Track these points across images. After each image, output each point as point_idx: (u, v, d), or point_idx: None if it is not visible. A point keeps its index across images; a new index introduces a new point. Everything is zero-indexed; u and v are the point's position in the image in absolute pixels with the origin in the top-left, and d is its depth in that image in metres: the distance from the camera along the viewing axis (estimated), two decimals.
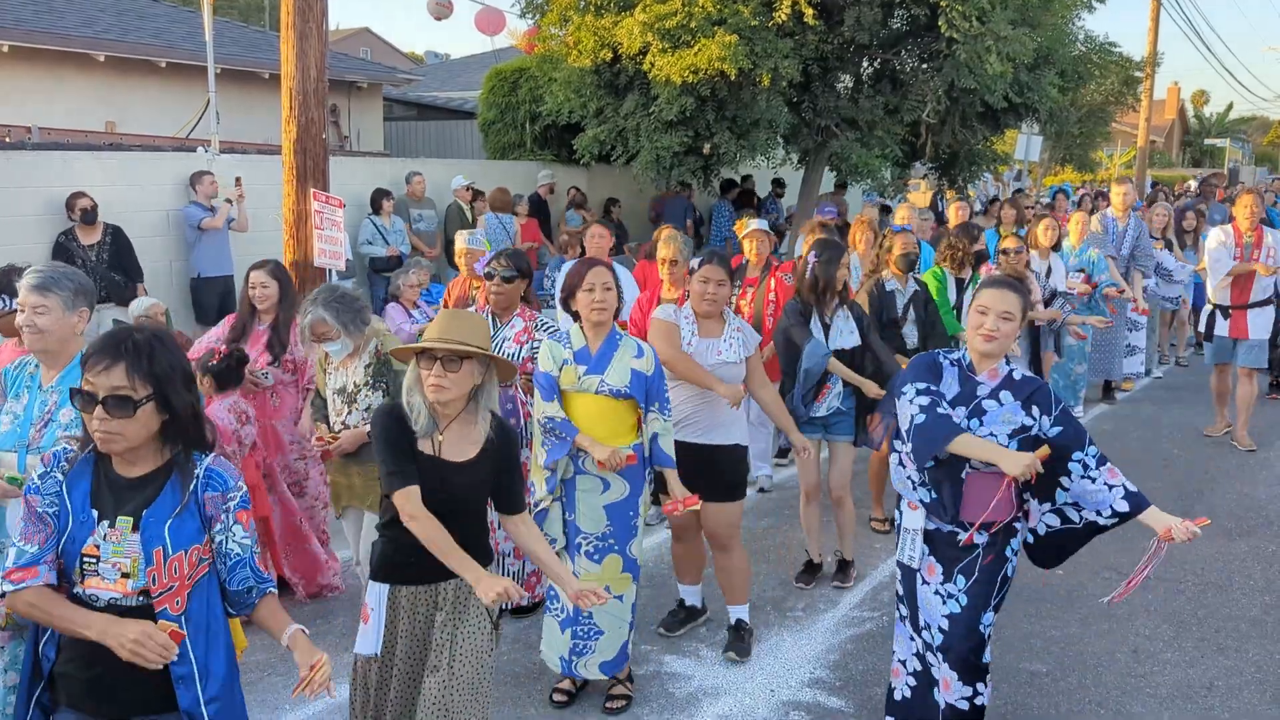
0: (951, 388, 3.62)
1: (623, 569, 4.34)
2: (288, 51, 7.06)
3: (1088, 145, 22.96)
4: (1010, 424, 3.55)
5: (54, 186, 8.72)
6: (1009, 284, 3.62)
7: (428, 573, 3.18)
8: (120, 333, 2.53)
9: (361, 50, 32.03)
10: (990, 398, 3.58)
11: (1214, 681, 4.65)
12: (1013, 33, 11.60)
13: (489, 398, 3.23)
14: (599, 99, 12.30)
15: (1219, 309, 8.23)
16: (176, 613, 2.54)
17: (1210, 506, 6.95)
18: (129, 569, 2.50)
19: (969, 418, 3.55)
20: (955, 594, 3.68)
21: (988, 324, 3.53)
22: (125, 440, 2.49)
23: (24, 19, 13.36)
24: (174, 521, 2.54)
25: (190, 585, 2.57)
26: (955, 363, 3.68)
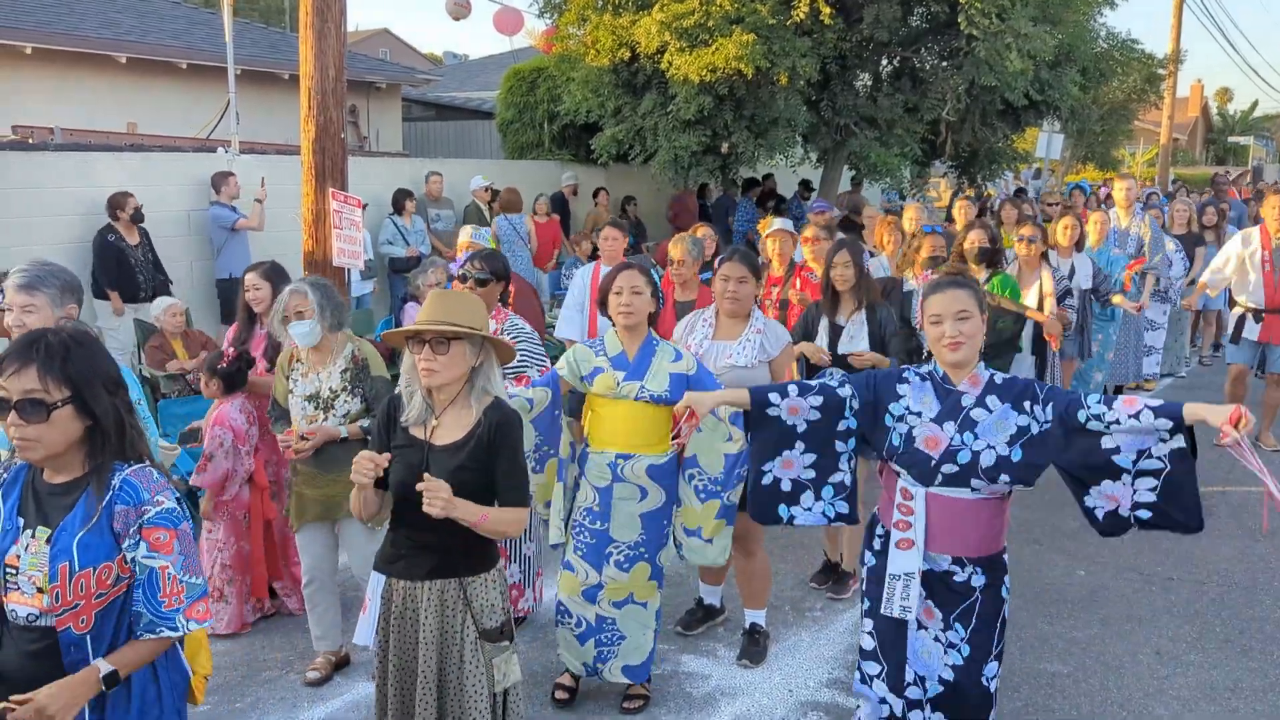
0: (930, 406, 3.27)
1: (649, 577, 4.28)
2: (306, 51, 7.08)
3: (1110, 143, 22.77)
4: (1006, 430, 3.19)
5: (76, 187, 8.78)
6: (953, 282, 3.30)
7: (411, 569, 3.09)
8: (35, 334, 2.40)
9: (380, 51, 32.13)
10: (978, 406, 3.23)
11: (1238, 683, 4.59)
12: (1033, 30, 11.53)
13: (486, 379, 3.10)
14: (617, 98, 12.30)
15: (1251, 312, 7.98)
16: (81, 632, 2.38)
17: (1234, 507, 6.89)
18: (42, 583, 2.37)
19: (959, 432, 3.20)
20: (957, 643, 3.32)
21: (947, 331, 3.19)
22: (43, 447, 2.36)
23: (45, 21, 13.47)
24: (85, 536, 2.37)
25: (101, 605, 2.39)
26: (926, 377, 3.32)
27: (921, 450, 3.24)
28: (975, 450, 3.18)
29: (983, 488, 3.21)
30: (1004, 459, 3.18)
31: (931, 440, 3.23)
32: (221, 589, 5.03)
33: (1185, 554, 6.06)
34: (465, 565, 3.08)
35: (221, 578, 5.03)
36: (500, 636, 3.12)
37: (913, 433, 3.25)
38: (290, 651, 4.88)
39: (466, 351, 3.05)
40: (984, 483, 3.20)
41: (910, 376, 3.33)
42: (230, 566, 5.04)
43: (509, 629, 3.15)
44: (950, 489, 3.23)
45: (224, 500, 5.01)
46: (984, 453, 3.18)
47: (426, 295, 7.61)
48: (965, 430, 3.21)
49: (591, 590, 4.24)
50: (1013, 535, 6.27)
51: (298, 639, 4.94)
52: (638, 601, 4.26)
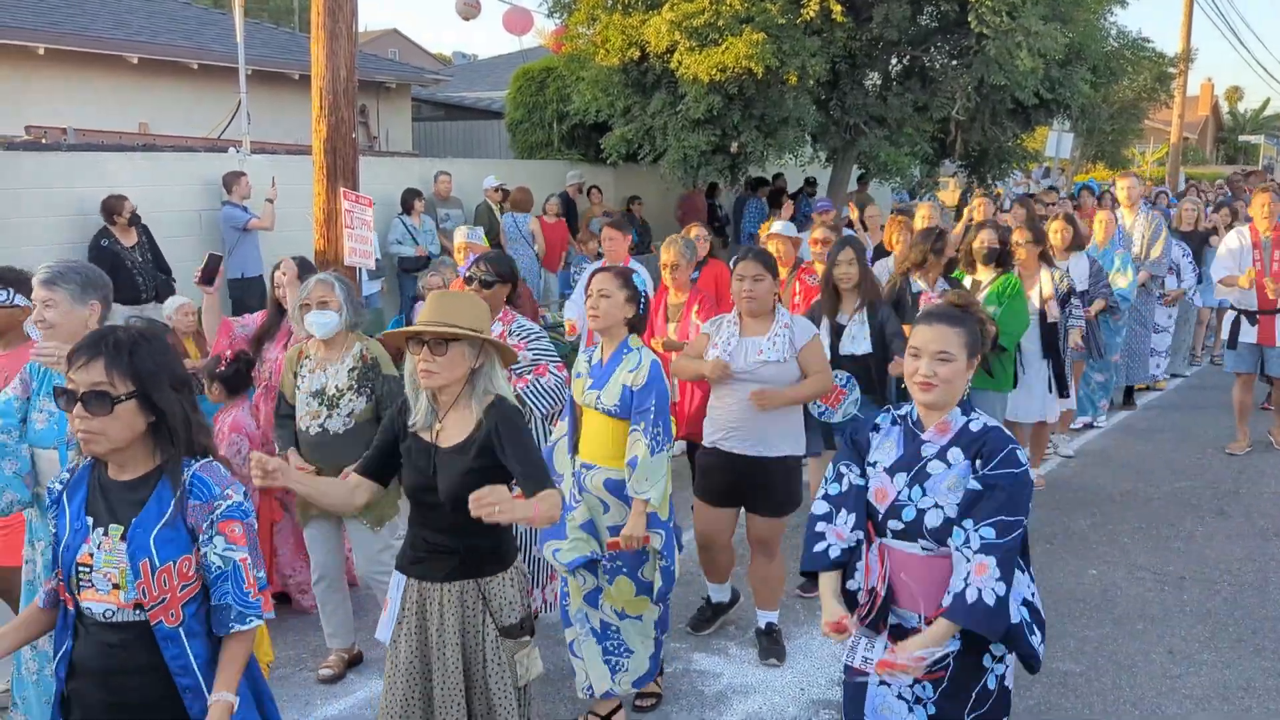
0: (890, 453, 2.96)
1: (636, 592, 4.15)
2: (318, 51, 7.10)
3: (1120, 142, 22.73)
4: (957, 490, 2.82)
5: (88, 187, 8.81)
6: (946, 316, 2.93)
7: (430, 571, 3.09)
8: (104, 330, 2.46)
9: (390, 51, 32.20)
10: (937, 458, 2.88)
11: (1251, 682, 4.58)
12: (1044, 28, 11.51)
13: (488, 380, 3.07)
14: (626, 98, 12.31)
15: (1244, 314, 7.80)
16: (173, 625, 2.44)
17: (1246, 507, 6.87)
18: (119, 579, 2.42)
19: (910, 484, 2.87)
20: (925, 700, 2.95)
21: (922, 369, 2.85)
22: (107, 440, 2.40)
23: (57, 22, 13.52)
24: (161, 531, 2.43)
25: (187, 597, 2.46)
26: (901, 420, 3.01)
27: (871, 502, 2.97)
28: (921, 509, 2.86)
29: (934, 549, 2.86)
30: (951, 520, 2.83)
31: (880, 492, 2.95)
32: None
33: (1197, 554, 6.05)
34: (482, 566, 3.08)
35: None
36: (520, 632, 3.11)
37: (869, 482, 2.98)
38: (303, 649, 4.90)
39: (466, 353, 3.03)
40: (932, 544, 2.86)
41: (883, 422, 3.04)
42: None
43: (529, 624, 3.14)
44: (903, 543, 2.92)
45: None
46: (929, 513, 2.84)
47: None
48: (916, 484, 2.88)
49: (593, 595, 4.17)
50: None
51: (311, 637, 4.96)
52: (631, 615, 4.16)
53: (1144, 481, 7.40)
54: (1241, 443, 8.10)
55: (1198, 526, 6.50)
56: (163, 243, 9.07)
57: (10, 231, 8.27)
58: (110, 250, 8.53)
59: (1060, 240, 7.47)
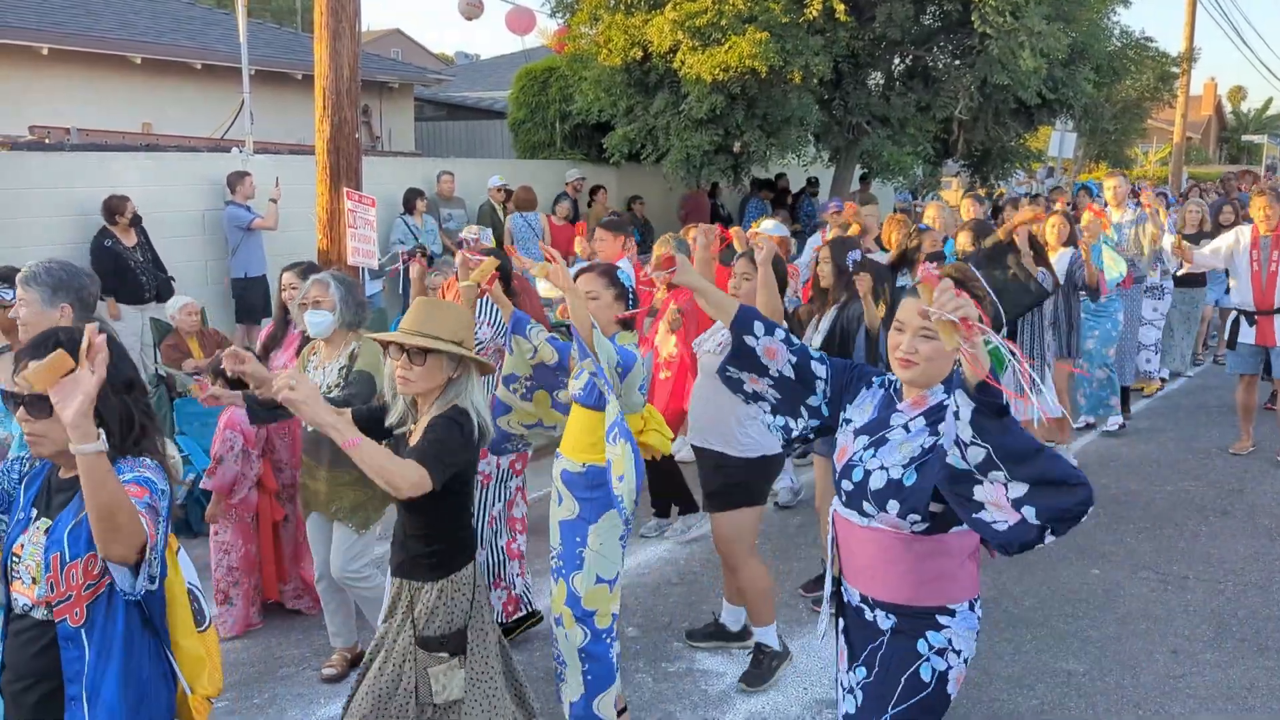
0: (865, 414, 2.86)
1: (565, 600, 3.94)
2: (321, 51, 7.11)
3: (1123, 142, 22.67)
4: (907, 454, 2.68)
5: (92, 187, 8.82)
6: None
7: (390, 563, 3.17)
8: (48, 332, 2.45)
9: (393, 51, 32.21)
10: (900, 427, 2.75)
11: (1255, 682, 4.58)
12: (1047, 28, 11.50)
13: (459, 393, 3.05)
14: (629, 98, 12.31)
15: (1244, 314, 7.75)
16: (76, 625, 2.40)
17: (1250, 506, 6.87)
18: (35, 573, 2.42)
19: (866, 448, 2.77)
20: (854, 688, 2.86)
21: (903, 345, 2.68)
22: (50, 443, 2.39)
23: (62, 22, 13.54)
24: (75, 528, 2.39)
25: (90, 597, 2.41)
26: (885, 385, 2.90)
27: (834, 460, 2.91)
28: (869, 469, 2.73)
29: (875, 515, 2.72)
30: (894, 484, 2.67)
31: (841, 450, 2.86)
32: (226, 592, 5.03)
33: (1201, 553, 6.04)
34: (414, 569, 3.06)
35: (227, 580, 5.04)
36: (439, 647, 3.03)
37: (837, 437, 2.92)
38: (307, 648, 4.90)
39: (444, 365, 3.03)
40: (873, 508, 2.71)
41: (875, 381, 2.93)
42: (237, 569, 5.05)
43: (455, 642, 3.05)
44: (848, 511, 2.81)
45: (232, 503, 5.01)
46: (875, 474, 2.72)
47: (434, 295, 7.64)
48: (872, 446, 2.77)
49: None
50: None
51: (314, 636, 4.96)
52: (563, 625, 3.94)
53: (1147, 481, 7.40)
54: (1245, 443, 8.06)
55: (1201, 526, 6.49)
56: (166, 243, 9.08)
57: (13, 231, 8.29)
58: (112, 250, 8.54)
59: (1055, 237, 7.44)
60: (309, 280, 4.46)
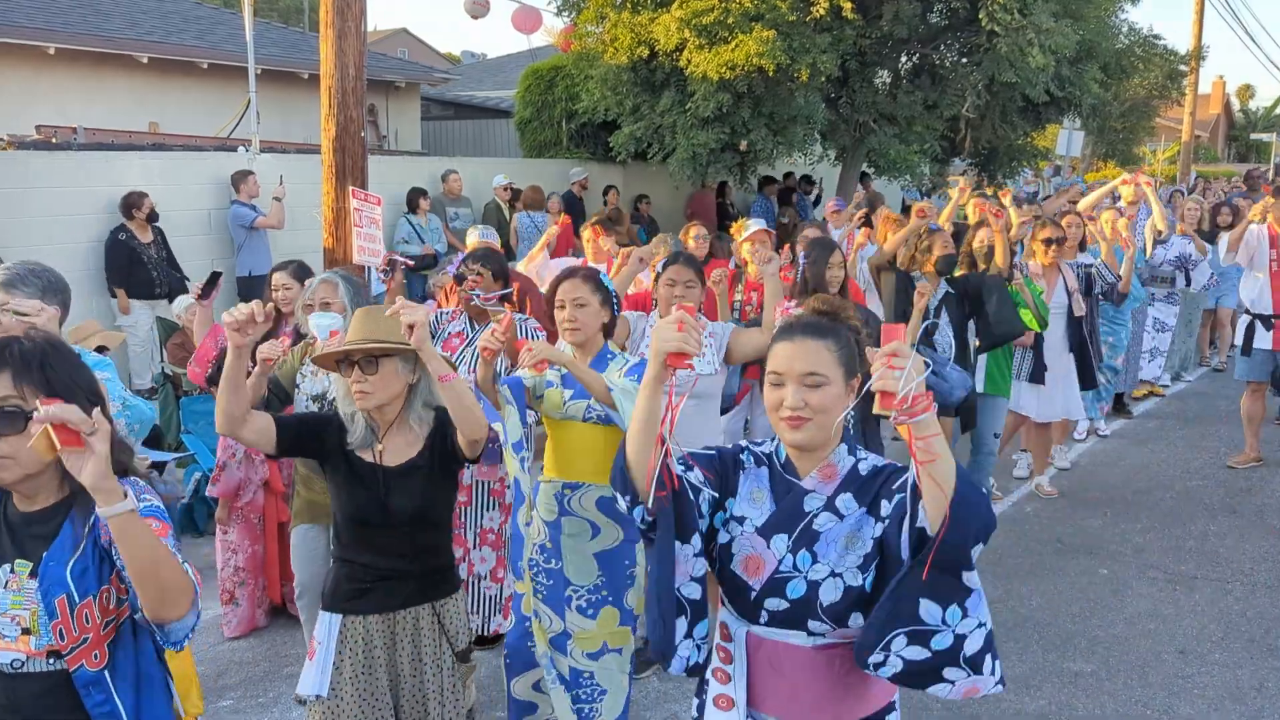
0: (761, 507, 2.25)
1: (620, 622, 3.76)
2: (327, 50, 7.11)
3: (1131, 140, 22.63)
4: (859, 549, 2.15)
5: (98, 186, 8.84)
6: (812, 327, 2.22)
7: (383, 601, 2.91)
8: (5, 340, 2.13)
9: (399, 50, 32.22)
10: (826, 510, 2.20)
11: (1264, 683, 4.55)
12: (1054, 25, 11.47)
13: (427, 393, 2.95)
14: (635, 96, 12.30)
15: (1259, 319, 7.40)
16: (96, 668, 2.12)
17: (1259, 506, 6.84)
18: (29, 623, 2.08)
19: (793, 550, 2.17)
20: None
21: (787, 400, 2.16)
22: (18, 466, 2.05)
23: (70, 22, 13.56)
24: (77, 562, 2.09)
25: (111, 635, 2.15)
26: (765, 459, 2.31)
27: (739, 575, 2.22)
28: (813, 580, 2.16)
29: (827, 632, 2.19)
30: (854, 591, 2.14)
31: (753, 562, 2.21)
32: (232, 592, 5.03)
33: (1210, 553, 6.01)
34: (438, 587, 2.96)
35: (233, 580, 5.03)
36: (468, 657, 3.02)
37: (732, 547, 2.24)
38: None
39: (398, 369, 2.91)
40: (826, 626, 2.18)
41: (745, 461, 2.31)
42: (243, 569, 5.04)
43: (472, 647, 3.07)
44: (781, 631, 2.21)
45: (239, 505, 5.02)
46: (826, 583, 2.15)
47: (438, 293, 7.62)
48: (802, 548, 2.18)
49: (560, 639, 3.74)
50: (1034, 534, 6.27)
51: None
52: (612, 649, 3.76)
53: (1156, 481, 7.37)
54: (1248, 455, 7.66)
55: (1210, 526, 6.46)
56: (172, 242, 9.11)
57: (20, 231, 8.30)
58: (127, 245, 8.58)
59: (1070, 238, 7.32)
60: (316, 280, 4.37)
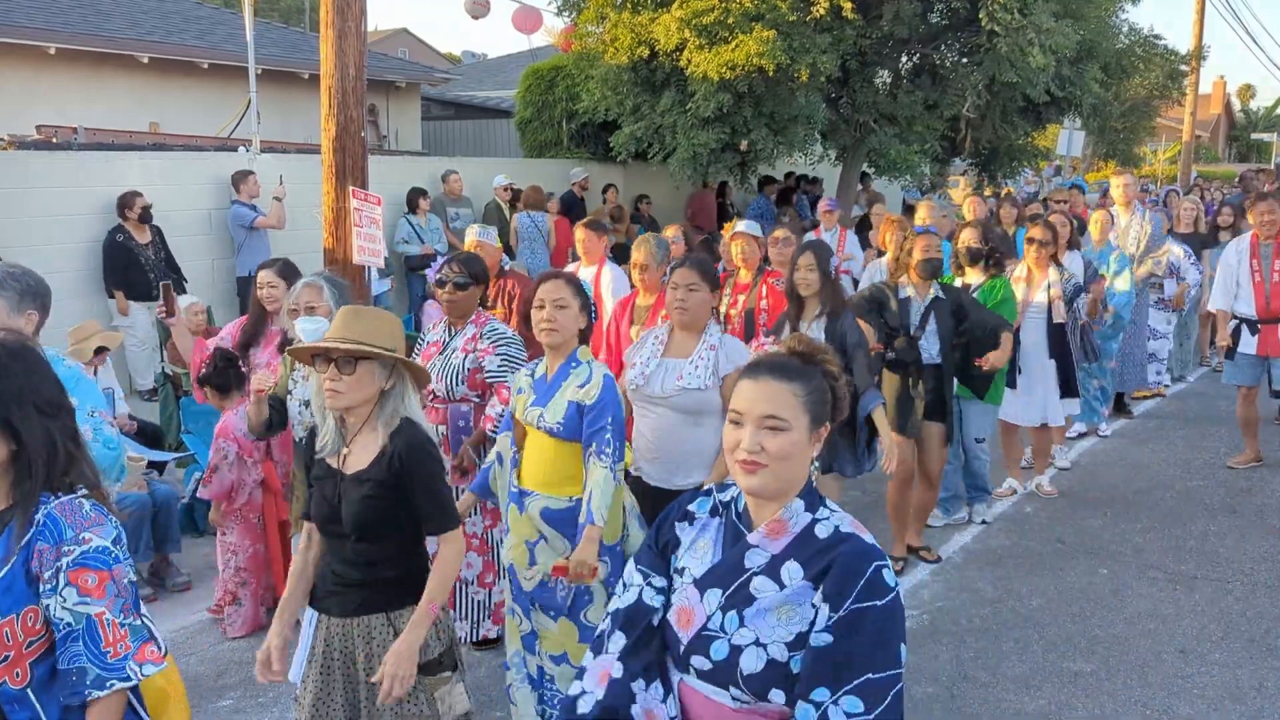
0: (703, 558, 2.13)
1: (580, 638, 3.65)
2: (327, 50, 7.11)
3: (1131, 140, 22.62)
4: (793, 623, 1.98)
5: (99, 186, 8.84)
6: (779, 368, 2.09)
7: (341, 605, 2.91)
8: None
9: (399, 50, 32.24)
10: (766, 573, 2.03)
11: (1263, 683, 4.55)
12: (1055, 25, 11.47)
13: (398, 402, 2.88)
14: (635, 96, 12.31)
15: (1245, 323, 7.36)
16: (19, 685, 2.06)
17: (1259, 506, 6.83)
18: None
19: (725, 606, 2.03)
20: None
21: (744, 441, 2.02)
22: None
23: (70, 22, 13.57)
24: (4, 577, 2.04)
25: (35, 653, 2.08)
26: (722, 509, 2.18)
27: (672, 626, 2.12)
28: (736, 645, 2.01)
29: (750, 701, 2.02)
30: (778, 666, 1.98)
31: (685, 614, 2.09)
32: (235, 592, 5.03)
33: (1210, 553, 6.01)
34: (390, 599, 2.91)
35: (235, 581, 5.03)
36: (440, 667, 2.91)
37: (673, 597, 2.14)
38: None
39: (375, 373, 2.85)
40: (748, 696, 2.01)
41: (698, 511, 2.21)
42: (245, 569, 5.04)
43: (450, 657, 2.95)
44: (708, 686, 2.07)
45: (235, 506, 5.01)
46: (746, 653, 1.99)
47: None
48: (733, 608, 2.03)
49: (529, 639, 3.76)
50: (1035, 534, 6.27)
51: None
52: (572, 664, 3.65)
53: (1156, 481, 7.36)
54: (1248, 455, 7.63)
55: (1210, 525, 6.46)
56: (173, 242, 9.12)
57: (20, 231, 8.31)
58: (124, 246, 8.59)
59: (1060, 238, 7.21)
60: (300, 285, 4.39)
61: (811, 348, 2.17)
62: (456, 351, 4.58)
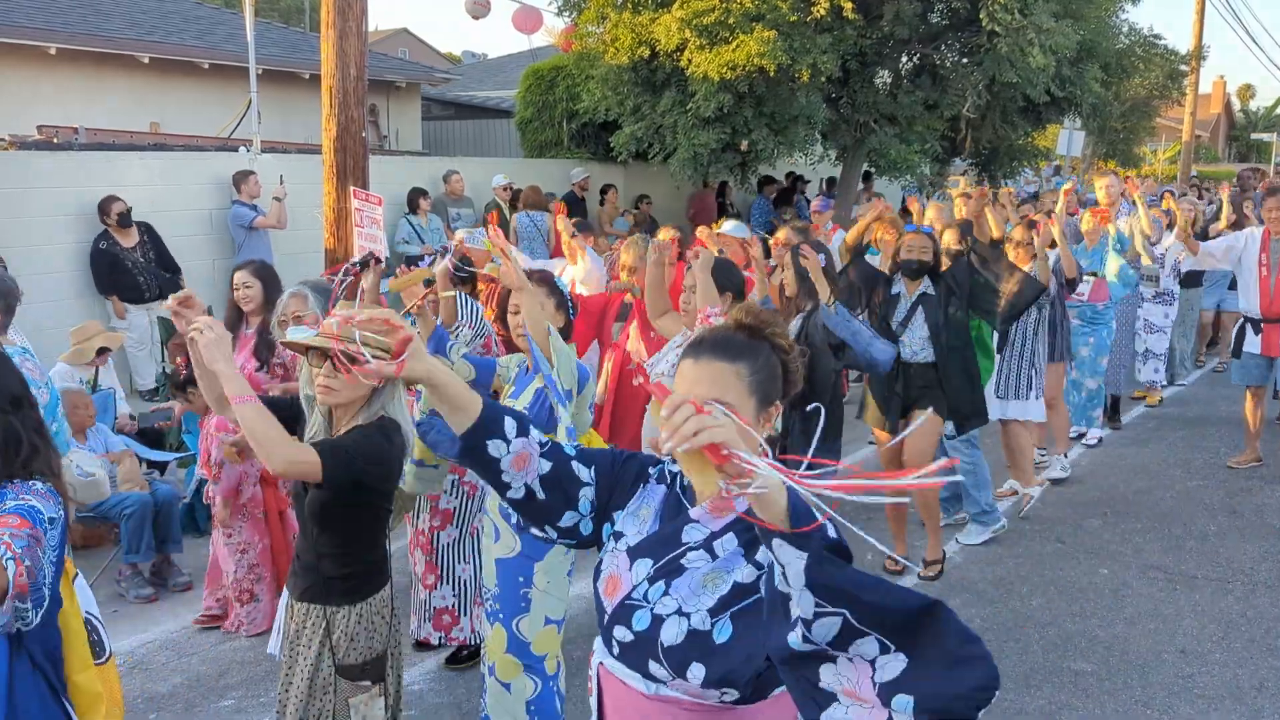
0: (643, 525, 2.04)
1: (507, 648, 3.51)
2: (328, 50, 7.12)
3: (1131, 140, 22.61)
4: (717, 588, 1.89)
5: (99, 187, 8.84)
6: (721, 345, 1.95)
7: (294, 586, 2.95)
8: None
9: (400, 51, 32.23)
10: (702, 548, 1.94)
11: (1264, 682, 4.56)
12: (1055, 25, 11.48)
13: (385, 399, 2.88)
14: (636, 96, 12.31)
15: (1250, 322, 7.33)
16: None
17: (1259, 505, 6.84)
18: None
19: (651, 579, 1.95)
20: None
21: None
22: None
23: (71, 22, 13.57)
24: None
25: None
26: (667, 479, 2.08)
27: (599, 594, 2.04)
28: (658, 614, 1.91)
29: (667, 680, 1.91)
30: (700, 637, 1.87)
31: (612, 582, 2.01)
32: (251, 589, 5.00)
33: (1210, 553, 6.02)
34: (329, 594, 2.89)
35: (249, 578, 5.01)
36: (361, 675, 2.89)
37: (603, 563, 2.06)
38: None
39: None
40: (666, 672, 1.90)
41: (652, 472, 2.10)
42: (258, 565, 5.02)
43: (376, 670, 2.92)
44: (626, 670, 1.98)
45: (242, 502, 4.97)
46: (670, 621, 1.90)
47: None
48: (661, 578, 1.94)
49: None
50: (1035, 533, 6.27)
51: None
52: (500, 679, 3.52)
53: (1156, 481, 7.37)
54: (1248, 455, 7.60)
55: (1210, 525, 6.47)
56: (173, 242, 9.09)
57: (21, 231, 8.30)
58: (108, 252, 8.56)
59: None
60: (285, 295, 4.42)
61: (759, 319, 2.01)
62: None
